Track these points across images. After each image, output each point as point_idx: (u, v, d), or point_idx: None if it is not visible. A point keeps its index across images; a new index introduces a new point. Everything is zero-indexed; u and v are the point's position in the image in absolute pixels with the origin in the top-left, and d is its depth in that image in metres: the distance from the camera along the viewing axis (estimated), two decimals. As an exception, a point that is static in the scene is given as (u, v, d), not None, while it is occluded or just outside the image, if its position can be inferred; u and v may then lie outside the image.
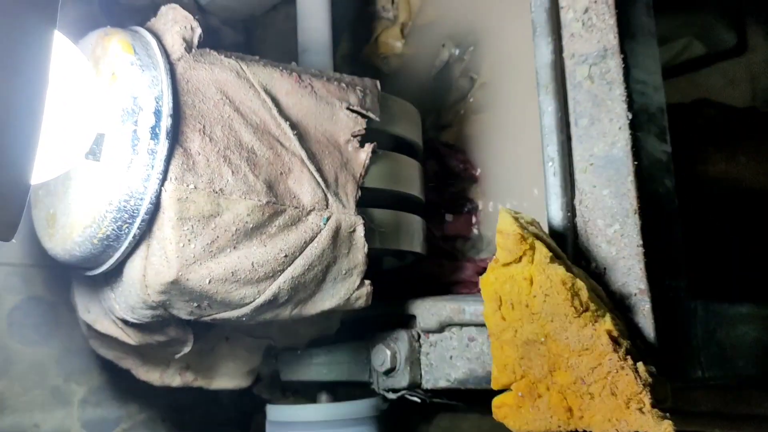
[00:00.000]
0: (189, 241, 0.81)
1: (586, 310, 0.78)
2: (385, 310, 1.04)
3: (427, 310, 1.00)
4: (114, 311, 0.90)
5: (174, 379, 1.02)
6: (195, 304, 0.85)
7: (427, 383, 1.01)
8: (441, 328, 0.99)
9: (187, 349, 0.95)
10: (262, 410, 1.32)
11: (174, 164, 0.81)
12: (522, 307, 0.82)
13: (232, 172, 0.85)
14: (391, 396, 1.03)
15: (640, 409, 0.73)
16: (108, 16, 1.05)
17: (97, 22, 0.98)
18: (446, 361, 0.99)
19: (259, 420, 1.35)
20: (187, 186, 0.81)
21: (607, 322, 0.77)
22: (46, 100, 0.61)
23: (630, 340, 0.78)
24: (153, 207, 0.81)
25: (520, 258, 0.81)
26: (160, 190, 0.80)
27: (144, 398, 1.23)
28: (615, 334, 0.77)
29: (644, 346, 0.80)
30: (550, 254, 0.80)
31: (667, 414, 0.73)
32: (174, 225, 0.80)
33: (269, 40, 1.38)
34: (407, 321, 1.03)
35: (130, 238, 0.82)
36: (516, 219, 0.83)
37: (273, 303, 0.88)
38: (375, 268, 0.96)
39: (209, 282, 0.83)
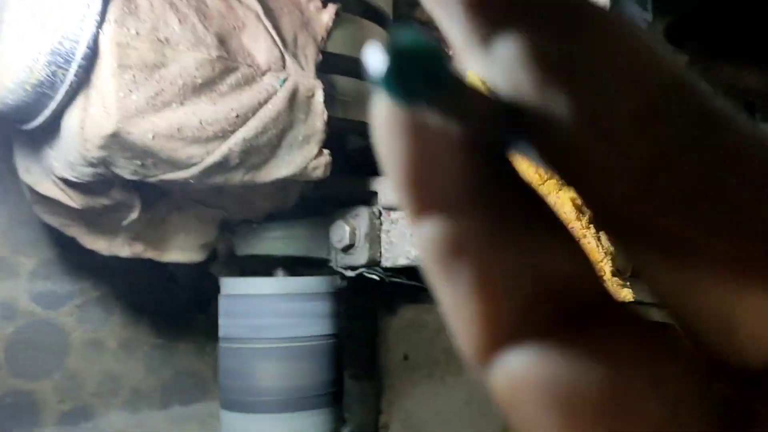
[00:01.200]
0: (130, 91, 0.75)
1: (551, 177, 0.74)
2: (346, 187, 1.00)
3: (389, 186, 0.96)
4: (54, 170, 0.85)
5: (123, 249, 0.98)
6: (138, 162, 0.80)
7: (387, 261, 0.98)
8: (402, 205, 0.95)
9: (134, 216, 0.90)
10: (219, 291, 1.29)
11: (113, 5, 0.74)
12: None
13: (179, 20, 0.78)
14: (349, 273, 1.00)
15: (601, 278, 0.70)
16: None
17: None
18: (407, 239, 0.96)
19: (216, 303, 1.33)
20: (128, 30, 0.75)
21: (570, 191, 0.74)
22: None
23: (594, 209, 0.75)
24: (90, 52, 0.74)
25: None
26: (98, 32, 0.74)
27: (98, 276, 1.19)
28: (578, 202, 0.73)
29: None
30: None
31: (627, 283, 0.71)
32: (113, 72, 0.74)
33: None
34: (368, 198, 0.99)
35: (66, 85, 0.75)
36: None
37: (223, 165, 0.82)
38: (338, 144, 0.91)
39: (153, 137, 0.77)
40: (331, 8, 0.90)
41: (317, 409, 0.96)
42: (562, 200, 0.73)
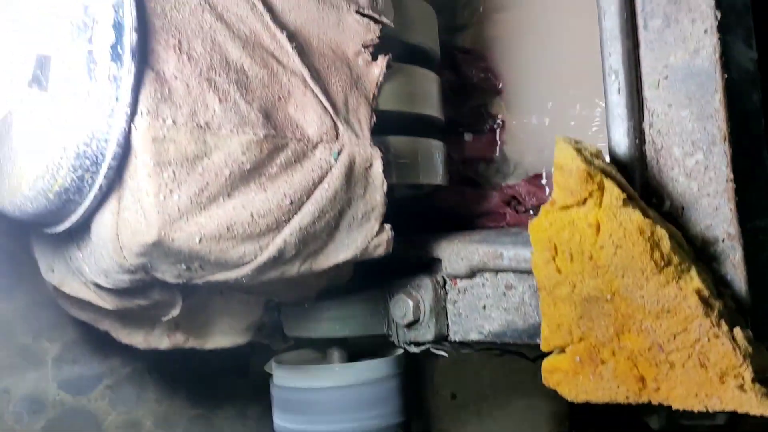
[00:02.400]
0: (171, 191, 0.64)
1: (668, 264, 0.64)
2: (405, 253, 0.89)
3: (456, 254, 0.85)
4: (83, 273, 0.74)
5: (162, 341, 0.88)
6: (183, 267, 0.69)
7: (455, 335, 0.88)
8: (472, 274, 0.85)
9: (175, 312, 0.80)
10: (260, 353, 1.19)
11: (145, 93, 0.63)
12: (584, 259, 0.67)
13: (219, 99, 0.67)
14: (414, 350, 0.90)
15: (741, 386, 0.61)
16: None
17: None
18: (478, 311, 0.86)
19: (257, 364, 1.23)
20: (164, 121, 0.64)
21: (694, 280, 0.63)
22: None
23: (720, 298, 0.65)
24: (122, 150, 0.63)
25: (584, 200, 0.66)
26: (129, 128, 0.63)
27: (127, 350, 1.07)
28: (705, 294, 0.63)
29: (735, 304, 0.66)
30: (624, 196, 0.65)
31: (771, 390, 0.61)
32: (150, 172, 0.63)
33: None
34: (430, 264, 0.89)
35: (95, 190, 0.65)
36: (579, 151, 0.67)
37: (278, 260, 0.72)
38: (395, 208, 0.80)
39: (200, 240, 0.66)
40: (382, 60, 0.79)
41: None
42: (684, 293, 0.63)
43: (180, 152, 0.64)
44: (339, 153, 0.74)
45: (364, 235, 0.78)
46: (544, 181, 0.98)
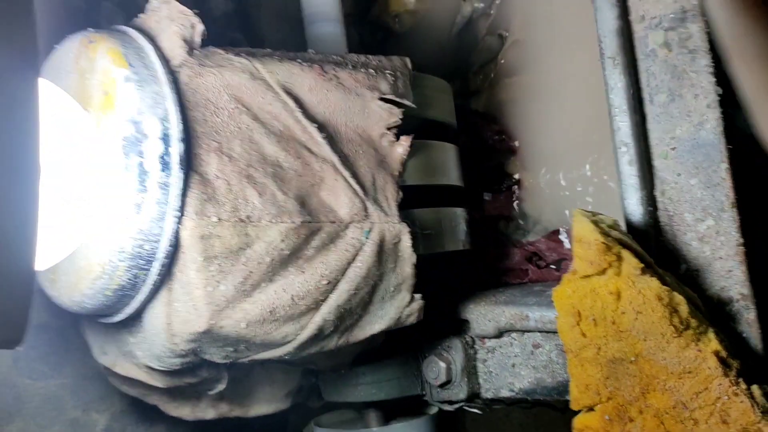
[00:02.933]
0: (218, 282, 0.69)
1: (687, 327, 0.68)
2: (434, 318, 0.93)
3: (483, 316, 0.90)
4: (136, 357, 0.79)
5: (207, 412, 0.92)
6: (231, 349, 0.74)
7: (487, 393, 0.92)
8: (499, 334, 0.89)
9: (221, 387, 0.84)
10: (297, 411, 1.23)
11: (191, 196, 0.68)
12: (607, 324, 0.71)
13: (259, 193, 0.72)
14: (448, 408, 0.94)
15: (761, 446, 0.64)
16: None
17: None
18: (508, 370, 0.90)
19: (293, 421, 1.27)
20: (209, 219, 0.69)
21: (712, 342, 0.67)
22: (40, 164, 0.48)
23: (737, 357, 0.68)
24: (172, 248, 0.68)
25: (604, 270, 0.70)
26: (178, 228, 0.68)
27: (171, 418, 1.13)
28: (723, 354, 0.67)
29: (752, 361, 0.70)
30: (641, 265, 0.69)
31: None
32: (199, 267, 0.68)
33: (264, 3, 1.22)
34: (459, 325, 0.93)
35: (149, 285, 0.70)
36: (596, 224, 0.71)
37: (318, 337, 0.77)
38: (423, 276, 0.84)
39: (246, 326, 0.71)
40: (406, 140, 0.84)
41: None
42: (704, 354, 0.67)
43: (225, 246, 0.69)
44: (369, 231, 0.79)
45: (397, 307, 0.82)
46: (563, 237, 1.02)
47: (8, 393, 0.99)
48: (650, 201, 0.75)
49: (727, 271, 0.71)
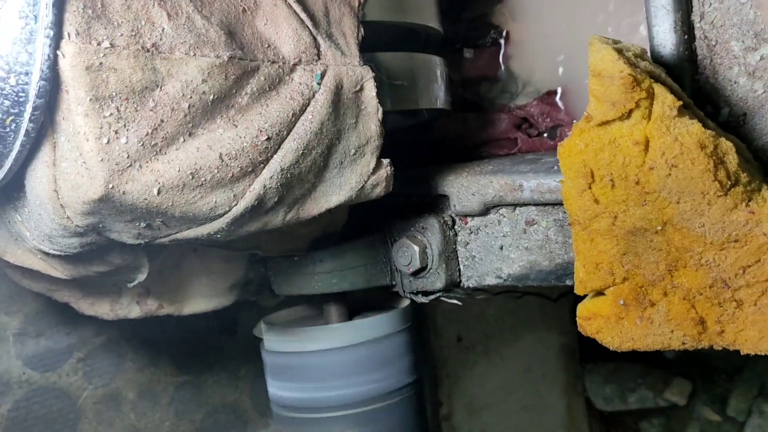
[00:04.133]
0: (117, 133, 0.51)
1: (736, 183, 0.52)
2: (406, 190, 0.77)
3: (465, 189, 0.73)
4: (25, 240, 0.62)
5: (131, 310, 0.76)
6: (143, 224, 0.57)
7: (469, 281, 0.77)
8: (485, 210, 0.74)
9: (141, 277, 0.68)
10: (248, 309, 1.08)
11: (70, 10, 0.49)
12: (629, 185, 0.56)
13: (168, 14, 0.54)
14: (422, 300, 0.79)
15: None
16: None
17: None
18: (494, 253, 0.74)
19: (245, 321, 1.12)
20: (99, 44, 0.50)
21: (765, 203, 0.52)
22: None
23: (798, 222, 0.53)
24: (48, 84, 0.50)
25: (629, 113, 0.54)
26: (55, 55, 0.49)
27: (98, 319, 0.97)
28: (781, 217, 0.52)
29: (812, 227, 0.55)
30: (679, 103, 0.52)
31: None
32: (87, 110, 0.50)
33: None
34: (435, 203, 0.77)
35: (21, 137, 0.52)
36: (620, 52, 0.54)
37: (258, 209, 0.60)
38: (391, 139, 0.67)
39: (158, 192, 0.54)
40: (367, -39, 0.65)
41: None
42: (757, 216, 0.52)
43: (123, 83, 0.51)
44: (323, 75, 0.61)
45: (359, 174, 0.65)
46: (559, 99, 0.85)
47: None
48: (686, 27, 0.58)
49: (783, 113, 0.56)
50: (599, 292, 0.62)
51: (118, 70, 0.51)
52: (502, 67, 0.91)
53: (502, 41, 0.91)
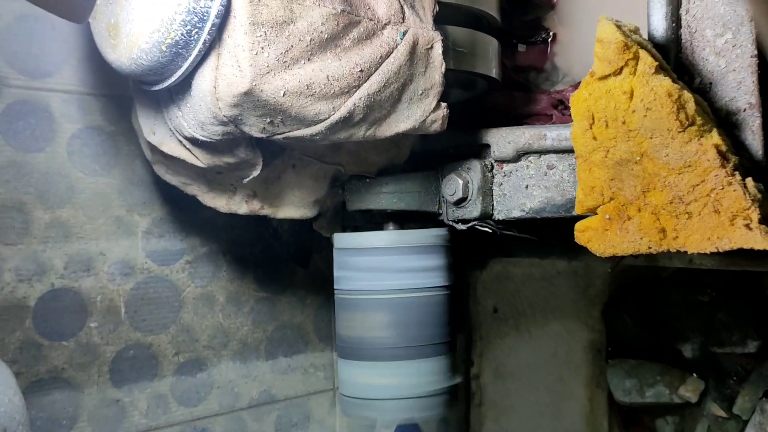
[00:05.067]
0: (262, 48, 0.76)
1: (692, 124, 0.73)
2: (457, 141, 0.99)
3: (503, 138, 0.95)
4: (182, 130, 0.87)
5: (240, 206, 1.00)
6: (268, 120, 0.81)
7: (499, 214, 0.98)
8: (517, 157, 0.95)
9: (255, 173, 0.92)
10: (322, 250, 1.31)
11: (245, -38, 0.74)
12: (618, 125, 0.76)
13: (305, -24, 0.78)
14: (461, 227, 1.00)
15: (747, 225, 0.69)
16: None
17: None
18: (521, 191, 0.95)
19: (317, 259, 1.35)
20: (259, -13, 0.75)
21: (714, 137, 0.72)
22: None
23: (737, 155, 0.73)
24: (224, 9, 0.75)
25: (621, 69, 0.75)
26: (231, -10, 0.74)
27: (206, 232, 1.22)
28: (723, 148, 0.71)
29: (750, 165, 0.75)
30: (656, 64, 0.73)
31: (775, 231, 0.69)
32: (246, 30, 0.75)
33: None
34: (480, 151, 0.99)
35: (200, 44, 0.77)
36: (618, 27, 0.75)
37: (348, 121, 0.83)
38: (443, 99, 0.90)
39: (283, 94, 0.78)
40: (446, -43, 0.89)
41: (432, 358, 0.98)
42: (704, 147, 0.72)
43: (271, 16, 0.76)
44: (404, 33, 0.85)
45: (423, 109, 0.88)
46: (589, 85, 1.06)
47: (62, 182, 1.08)
48: (674, 18, 0.79)
49: (738, 82, 0.76)
50: (592, 213, 0.83)
51: (269, 6, 0.75)
52: (548, 61, 1.13)
53: (550, 40, 1.13)
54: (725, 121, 0.76)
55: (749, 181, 0.70)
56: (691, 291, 1.70)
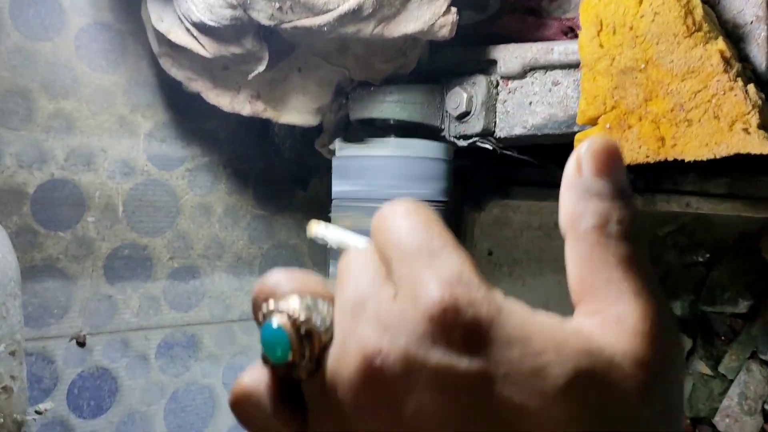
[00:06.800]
0: (276, -73, 0.76)
1: (699, 29, 0.72)
2: (464, 56, 0.99)
3: (510, 53, 0.95)
4: (190, 15, 0.87)
5: (244, 106, 1.00)
6: (277, 5, 0.81)
7: (501, 131, 0.98)
8: (523, 73, 0.95)
9: (261, 68, 0.92)
10: (321, 174, 1.32)
11: None
12: (625, 30, 0.76)
13: None
14: (462, 143, 1.01)
15: (746, 130, 0.70)
16: None
17: None
18: (525, 108, 0.96)
19: (316, 183, 1.36)
20: None
21: (719, 43, 0.72)
22: None
23: (740, 63, 0.73)
24: None
25: (632, -27, 0.75)
26: None
27: (208, 143, 1.23)
28: (727, 54, 0.71)
29: (754, 76, 0.75)
30: (667, -32, 0.73)
31: (773, 137, 0.69)
32: None
33: None
34: (487, 67, 0.99)
35: None
36: (632, -69, 0.75)
37: (357, 14, 0.83)
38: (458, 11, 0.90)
39: (294, -23, 0.78)
40: None
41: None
42: (709, 53, 0.72)
43: None
44: (419, -68, 0.84)
45: (433, 12, 0.88)
46: (600, 13, 1.06)
47: (67, 74, 1.08)
48: (690, -71, 0.78)
49: (748, -6, 0.75)
50: (594, 123, 0.83)
51: None
52: (562, -10, 1.12)
53: (565, -31, 1.12)
54: (732, 34, 0.76)
55: (751, 87, 0.70)
56: (686, 252, 1.71)
